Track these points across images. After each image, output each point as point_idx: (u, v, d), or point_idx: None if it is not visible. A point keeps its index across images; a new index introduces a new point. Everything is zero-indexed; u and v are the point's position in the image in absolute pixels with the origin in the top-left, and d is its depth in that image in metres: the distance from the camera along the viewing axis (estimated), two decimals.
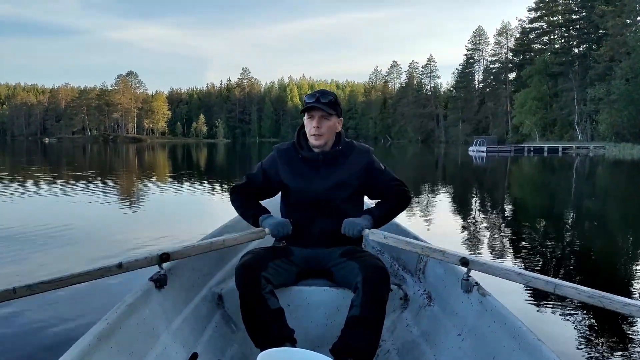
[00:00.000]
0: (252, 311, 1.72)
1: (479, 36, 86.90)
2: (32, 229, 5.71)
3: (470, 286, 1.69)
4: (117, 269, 1.58)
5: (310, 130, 1.96)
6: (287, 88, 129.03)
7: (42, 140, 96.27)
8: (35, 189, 10.60)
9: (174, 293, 1.75)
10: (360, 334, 1.64)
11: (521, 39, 71.30)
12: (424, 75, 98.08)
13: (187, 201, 9.26)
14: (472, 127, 79.07)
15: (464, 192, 11.77)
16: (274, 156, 2.07)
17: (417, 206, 8.29)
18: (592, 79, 49.67)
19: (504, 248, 5.22)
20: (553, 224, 7.11)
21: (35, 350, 2.52)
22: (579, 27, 60.53)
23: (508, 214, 7.98)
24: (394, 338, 1.93)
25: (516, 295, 3.28)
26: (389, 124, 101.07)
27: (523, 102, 59.48)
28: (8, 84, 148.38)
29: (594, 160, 28.62)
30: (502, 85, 77.62)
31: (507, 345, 1.38)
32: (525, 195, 11.70)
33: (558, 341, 2.66)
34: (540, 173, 19.72)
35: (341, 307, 1.81)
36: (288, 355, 1.42)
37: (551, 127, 58.24)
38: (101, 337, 1.27)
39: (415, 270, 2.22)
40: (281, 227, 1.87)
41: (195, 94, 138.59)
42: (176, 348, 1.59)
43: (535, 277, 1.57)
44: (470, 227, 6.52)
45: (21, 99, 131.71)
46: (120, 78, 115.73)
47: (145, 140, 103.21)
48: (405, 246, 1.77)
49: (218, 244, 1.80)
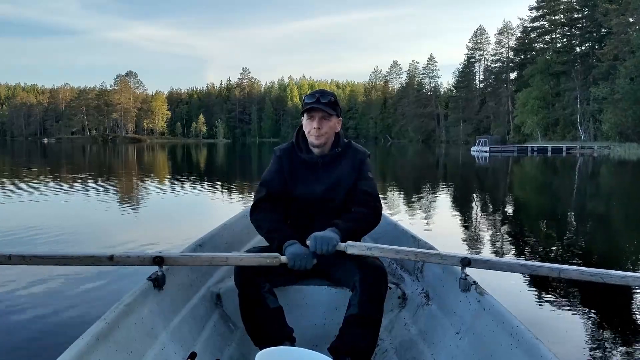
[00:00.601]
0: (251, 310, 1.71)
1: (480, 35, 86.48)
2: (36, 231, 5.61)
3: (468, 285, 1.68)
4: (108, 261, 1.57)
5: (311, 131, 1.94)
6: (287, 88, 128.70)
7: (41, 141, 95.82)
8: (29, 191, 10.34)
9: (172, 292, 1.74)
10: (358, 333, 1.64)
11: (522, 38, 70.88)
12: (424, 74, 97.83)
13: (187, 202, 9.19)
14: (473, 127, 78.91)
15: (467, 193, 11.47)
16: (279, 157, 2.04)
17: (419, 207, 8.16)
18: (595, 78, 49.23)
19: (508, 249, 5.12)
20: (558, 225, 6.89)
21: (35, 350, 2.53)
22: (582, 25, 60.00)
23: (512, 215, 7.74)
24: (392, 337, 1.93)
25: (514, 294, 3.25)
26: (390, 124, 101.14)
27: (525, 102, 58.99)
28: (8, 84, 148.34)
29: (598, 160, 28.32)
30: (503, 84, 77.25)
31: (504, 344, 1.38)
32: (530, 196, 11.37)
33: (556, 339, 2.66)
34: (544, 173, 19.33)
35: (339, 306, 1.81)
36: (287, 354, 1.40)
37: (553, 127, 57.79)
38: (99, 336, 1.28)
39: (414, 270, 2.21)
40: (300, 259, 1.70)
41: (195, 94, 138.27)
42: (175, 347, 1.58)
43: (539, 265, 1.58)
44: (473, 227, 6.37)
45: (21, 99, 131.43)
46: (120, 78, 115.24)
47: (144, 141, 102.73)
48: (395, 255, 1.71)
49: (220, 259, 1.70)
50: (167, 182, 13.40)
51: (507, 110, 72.57)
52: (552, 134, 56.86)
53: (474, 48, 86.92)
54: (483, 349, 1.49)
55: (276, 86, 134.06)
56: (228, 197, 9.62)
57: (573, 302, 3.23)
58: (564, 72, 57.86)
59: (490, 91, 79.90)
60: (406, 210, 7.65)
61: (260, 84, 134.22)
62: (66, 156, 31.81)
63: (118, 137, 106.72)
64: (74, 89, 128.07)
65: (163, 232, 5.49)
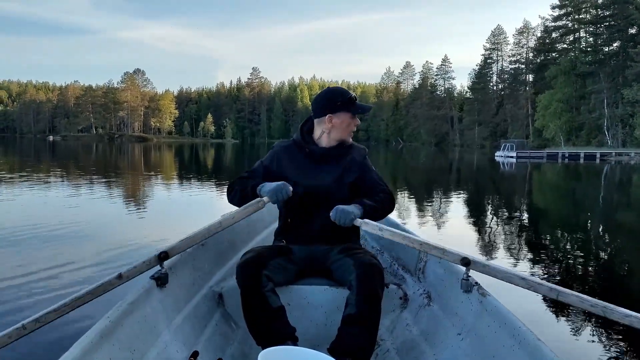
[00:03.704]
0: (253, 309, 1.71)
1: (498, 35, 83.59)
2: (44, 228, 5.71)
3: (470, 286, 1.67)
4: (118, 280, 1.58)
5: (352, 128, 2.05)
6: (297, 88, 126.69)
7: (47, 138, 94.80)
8: (29, 190, 10.13)
9: (174, 291, 1.75)
10: (356, 332, 1.63)
11: (543, 38, 68.05)
12: (438, 76, 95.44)
13: (193, 202, 9.12)
14: (490, 131, 76.52)
15: (502, 205, 9.34)
16: (277, 152, 2.07)
17: (448, 224, 7.05)
18: (628, 80, 46.09)
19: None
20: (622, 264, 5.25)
21: (39, 348, 2.52)
22: (610, 24, 56.88)
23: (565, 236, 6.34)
24: (393, 337, 1.91)
25: (516, 296, 3.01)
26: (401, 126, 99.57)
27: (547, 105, 56.00)
28: (20, 81, 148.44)
29: (636, 168, 25.78)
30: (522, 86, 74.43)
31: (506, 345, 1.39)
32: (581, 214, 9.03)
33: (558, 341, 2.65)
34: (589, 183, 16.83)
35: (340, 306, 1.78)
36: (289, 353, 1.41)
37: (577, 132, 54.76)
38: (103, 334, 1.29)
39: (415, 270, 2.20)
40: (279, 191, 1.79)
41: (204, 93, 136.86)
42: (177, 346, 1.59)
43: (538, 282, 1.57)
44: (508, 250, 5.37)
45: (30, 96, 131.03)
46: (127, 76, 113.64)
47: (151, 140, 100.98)
48: (402, 240, 1.70)
49: (215, 227, 1.75)
50: (174, 182, 13.44)
51: (526, 113, 69.71)
52: (575, 139, 53.81)
53: (491, 48, 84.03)
54: (485, 350, 1.47)
55: (286, 86, 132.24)
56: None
57: (576, 305, 2.62)
58: (591, 73, 54.78)
59: (508, 93, 77.02)
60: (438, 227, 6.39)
61: (270, 84, 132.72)
62: (70, 155, 30.81)
63: (124, 135, 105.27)
64: (83, 86, 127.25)
65: (170, 233, 5.48)
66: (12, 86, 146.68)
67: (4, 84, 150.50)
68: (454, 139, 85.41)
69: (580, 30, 61.73)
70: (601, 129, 51.30)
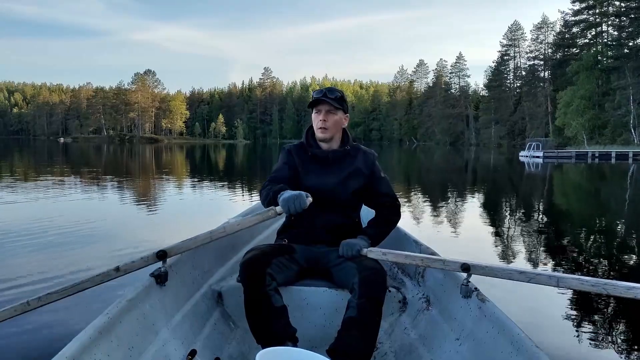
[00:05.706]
0: (256, 308, 1.70)
1: (515, 31, 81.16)
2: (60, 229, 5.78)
3: (470, 291, 1.67)
4: (115, 273, 1.61)
5: (318, 123, 2.02)
6: (309, 88, 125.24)
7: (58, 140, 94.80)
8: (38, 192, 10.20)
9: (174, 289, 1.75)
10: (356, 336, 1.63)
11: (563, 33, 65.62)
12: (452, 74, 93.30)
13: (203, 203, 9.19)
14: (507, 129, 74.38)
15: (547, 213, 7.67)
16: (290, 149, 2.09)
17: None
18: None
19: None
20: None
21: (37, 343, 2.53)
22: (635, 17, 54.32)
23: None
24: (391, 341, 1.92)
25: (516, 302, 3.13)
26: (415, 126, 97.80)
27: (569, 102, 53.66)
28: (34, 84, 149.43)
29: None
30: (540, 83, 72.03)
31: (504, 351, 1.38)
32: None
33: (556, 349, 2.61)
34: (632, 187, 15.15)
35: (340, 309, 1.80)
36: (287, 354, 1.41)
37: (600, 130, 52.38)
38: (102, 330, 1.30)
39: (415, 274, 2.20)
40: (292, 201, 1.68)
41: (216, 94, 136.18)
42: (175, 344, 1.60)
43: (537, 273, 1.59)
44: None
45: (43, 98, 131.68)
46: (138, 77, 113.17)
47: (162, 141, 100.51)
48: (405, 260, 1.77)
49: (218, 232, 1.72)
50: (186, 183, 13.49)
51: (545, 111, 67.34)
52: (599, 137, 51.45)
53: (508, 45, 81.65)
54: (483, 355, 1.47)
55: (298, 86, 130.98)
56: (249, 198, 9.58)
57: (576, 312, 3.17)
58: (615, 68, 52.33)
59: (526, 90, 74.61)
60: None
61: (282, 84, 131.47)
62: (80, 158, 30.04)
63: (135, 136, 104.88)
64: (96, 88, 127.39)
65: (177, 235, 4.79)
66: (26, 89, 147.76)
67: (19, 86, 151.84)
68: (470, 138, 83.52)
69: (602, 23, 59.19)
70: (627, 126, 48.84)
